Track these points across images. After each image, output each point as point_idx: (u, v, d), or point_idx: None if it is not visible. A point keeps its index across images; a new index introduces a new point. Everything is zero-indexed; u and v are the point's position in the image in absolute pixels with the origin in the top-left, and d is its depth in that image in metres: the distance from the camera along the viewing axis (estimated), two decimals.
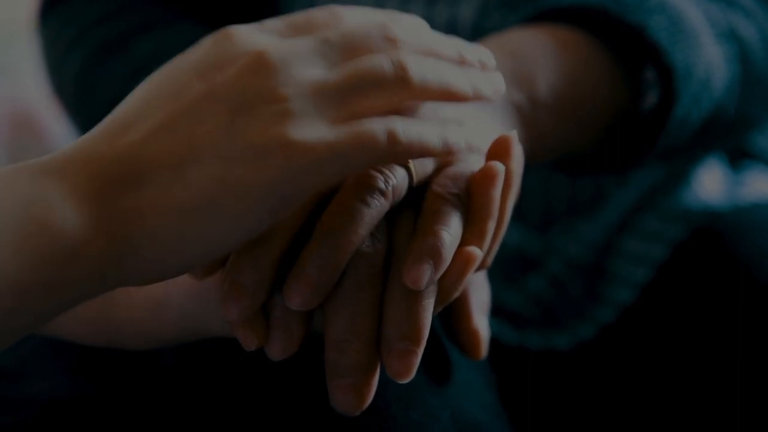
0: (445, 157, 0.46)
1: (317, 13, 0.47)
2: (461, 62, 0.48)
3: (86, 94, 0.78)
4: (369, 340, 0.45)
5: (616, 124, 0.63)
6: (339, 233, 0.45)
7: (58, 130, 1.35)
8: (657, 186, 0.77)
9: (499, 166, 0.48)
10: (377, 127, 0.43)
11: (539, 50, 0.59)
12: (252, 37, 0.44)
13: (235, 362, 0.51)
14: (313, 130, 0.42)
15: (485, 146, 0.50)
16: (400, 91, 0.45)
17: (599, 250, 0.76)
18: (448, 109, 0.50)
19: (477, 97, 0.47)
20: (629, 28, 0.61)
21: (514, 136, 0.49)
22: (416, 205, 0.48)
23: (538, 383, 0.74)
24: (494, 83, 0.49)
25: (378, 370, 0.46)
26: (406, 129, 0.44)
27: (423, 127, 0.45)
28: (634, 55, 0.62)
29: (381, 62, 0.44)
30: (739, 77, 0.66)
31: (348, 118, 0.43)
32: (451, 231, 0.46)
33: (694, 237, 0.74)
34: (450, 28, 0.74)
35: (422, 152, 0.45)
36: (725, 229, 0.73)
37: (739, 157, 0.82)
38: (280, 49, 0.44)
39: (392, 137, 0.43)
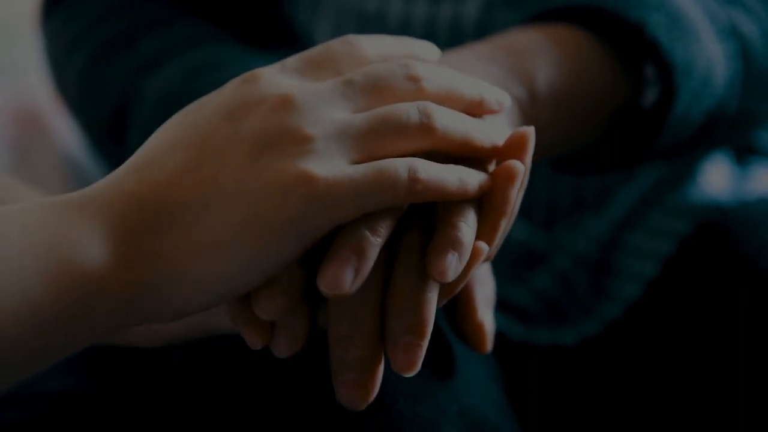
0: (460, 199, 0.47)
1: (335, 46, 0.48)
2: (480, 102, 0.49)
3: (90, 91, 0.78)
4: (372, 336, 0.46)
5: (616, 121, 0.63)
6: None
7: (62, 128, 1.35)
8: (663, 181, 0.77)
9: (518, 166, 0.48)
10: (400, 165, 0.44)
11: (538, 47, 0.60)
12: (277, 79, 0.46)
13: (241, 360, 0.51)
14: (336, 167, 0.43)
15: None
16: (423, 138, 0.46)
17: (605, 245, 0.76)
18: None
19: (494, 150, 0.49)
20: (629, 26, 0.61)
21: (531, 132, 0.49)
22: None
23: (544, 378, 0.74)
24: (500, 98, 0.50)
25: (382, 364, 0.46)
26: (426, 169, 0.45)
27: (442, 168, 0.46)
28: (635, 52, 0.62)
29: (407, 109, 0.46)
30: (740, 74, 0.66)
31: (370, 159, 0.45)
32: (469, 222, 0.46)
33: (700, 232, 0.73)
34: (454, 25, 0.74)
35: (440, 192, 0.46)
36: (731, 225, 0.72)
37: (745, 153, 0.82)
38: (305, 91, 0.45)
39: (413, 176, 0.44)
